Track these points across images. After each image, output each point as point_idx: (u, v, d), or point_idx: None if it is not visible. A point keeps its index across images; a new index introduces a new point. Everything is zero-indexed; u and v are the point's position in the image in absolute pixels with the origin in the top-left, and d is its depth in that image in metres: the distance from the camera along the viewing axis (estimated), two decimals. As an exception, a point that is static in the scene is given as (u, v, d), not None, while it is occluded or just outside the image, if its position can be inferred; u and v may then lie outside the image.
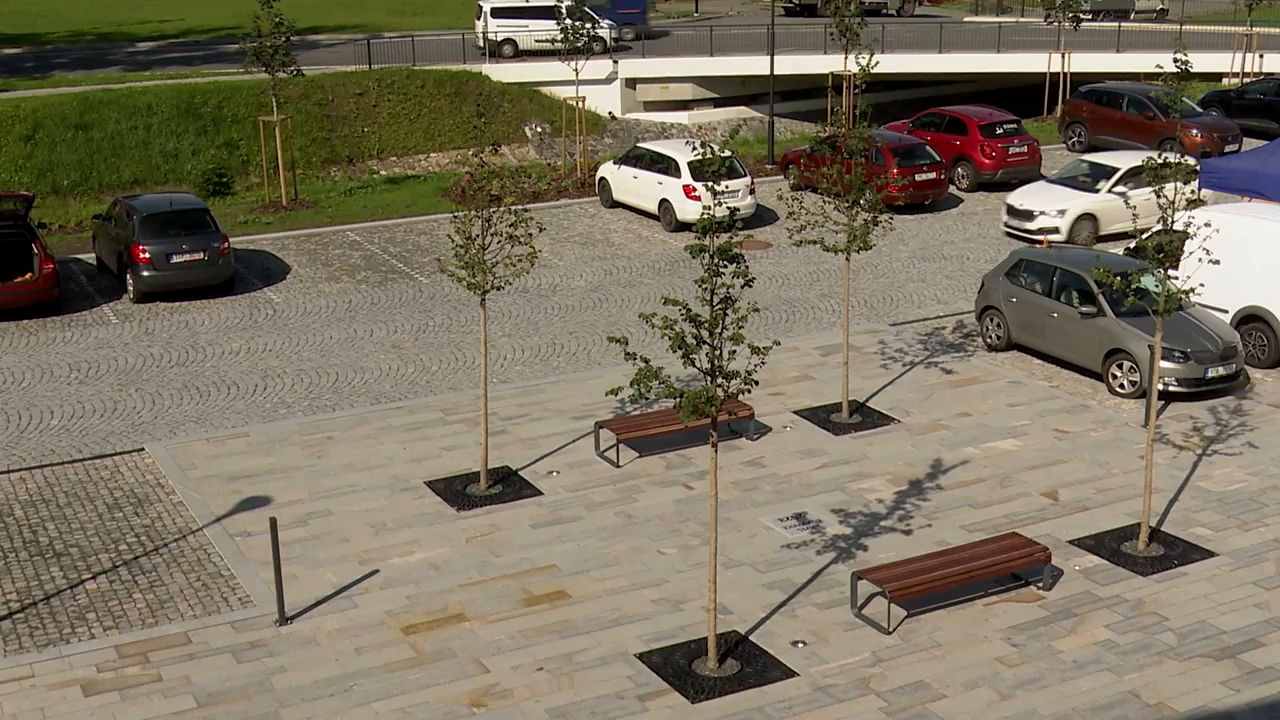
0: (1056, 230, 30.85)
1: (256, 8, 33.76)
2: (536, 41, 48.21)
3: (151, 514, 18.71)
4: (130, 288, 27.87)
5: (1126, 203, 18.39)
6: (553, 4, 47.22)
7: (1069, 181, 32.19)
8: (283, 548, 17.43)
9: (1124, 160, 32.07)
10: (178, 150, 39.08)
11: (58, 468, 20.21)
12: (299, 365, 24.37)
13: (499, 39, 49.74)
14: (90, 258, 30.89)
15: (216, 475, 19.81)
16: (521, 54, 33.32)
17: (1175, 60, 17.74)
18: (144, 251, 27.32)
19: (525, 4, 50.79)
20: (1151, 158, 17.20)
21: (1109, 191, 31.16)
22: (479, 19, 51.13)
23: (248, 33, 34.53)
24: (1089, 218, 31.11)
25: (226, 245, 28.15)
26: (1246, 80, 47.03)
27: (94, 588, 16.73)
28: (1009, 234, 31.90)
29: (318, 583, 16.82)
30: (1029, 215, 31.38)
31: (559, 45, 37.70)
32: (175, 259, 27.52)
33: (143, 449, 20.82)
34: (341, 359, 24.68)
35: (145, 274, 27.41)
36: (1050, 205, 31.26)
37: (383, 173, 41.48)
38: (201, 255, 27.71)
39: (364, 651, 15.34)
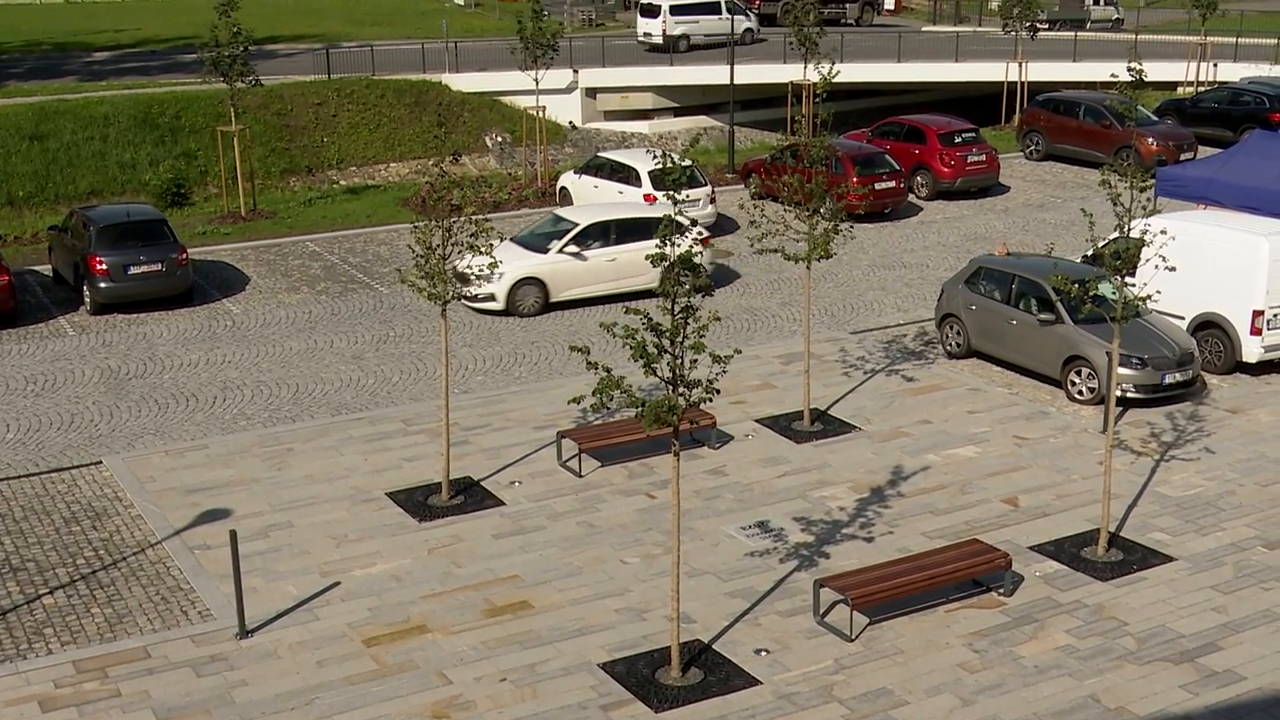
0: (492, 298, 26.81)
1: (214, 17, 33.58)
2: (706, 36, 54.46)
3: (110, 527, 18.55)
4: (87, 299, 27.62)
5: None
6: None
7: (529, 239, 28.24)
8: (243, 560, 17.29)
9: (585, 216, 28.20)
10: (135, 161, 38.79)
11: (14, 481, 19.99)
12: (258, 377, 24.23)
13: (677, 34, 54.75)
14: (46, 269, 30.60)
15: (175, 488, 19.66)
16: (694, 48, 36.97)
17: (1129, 69, 17.90)
18: (101, 263, 27.09)
19: (699, 1, 56.27)
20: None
21: (560, 252, 27.39)
22: (655, 17, 55.39)
23: (205, 42, 34.32)
24: (533, 282, 27.04)
25: (184, 256, 27.95)
26: (1201, 89, 47.53)
27: (51, 603, 16.56)
28: (465, 305, 27.50)
29: (278, 595, 16.71)
30: (466, 280, 24.77)
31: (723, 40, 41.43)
32: (132, 270, 27.31)
33: (100, 462, 20.64)
34: (301, 370, 24.56)
35: (102, 285, 27.17)
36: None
37: (342, 183, 41.31)
38: (159, 266, 27.50)
39: (325, 664, 15.25)
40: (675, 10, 55.53)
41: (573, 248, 27.47)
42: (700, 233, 27.64)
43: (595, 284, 27.65)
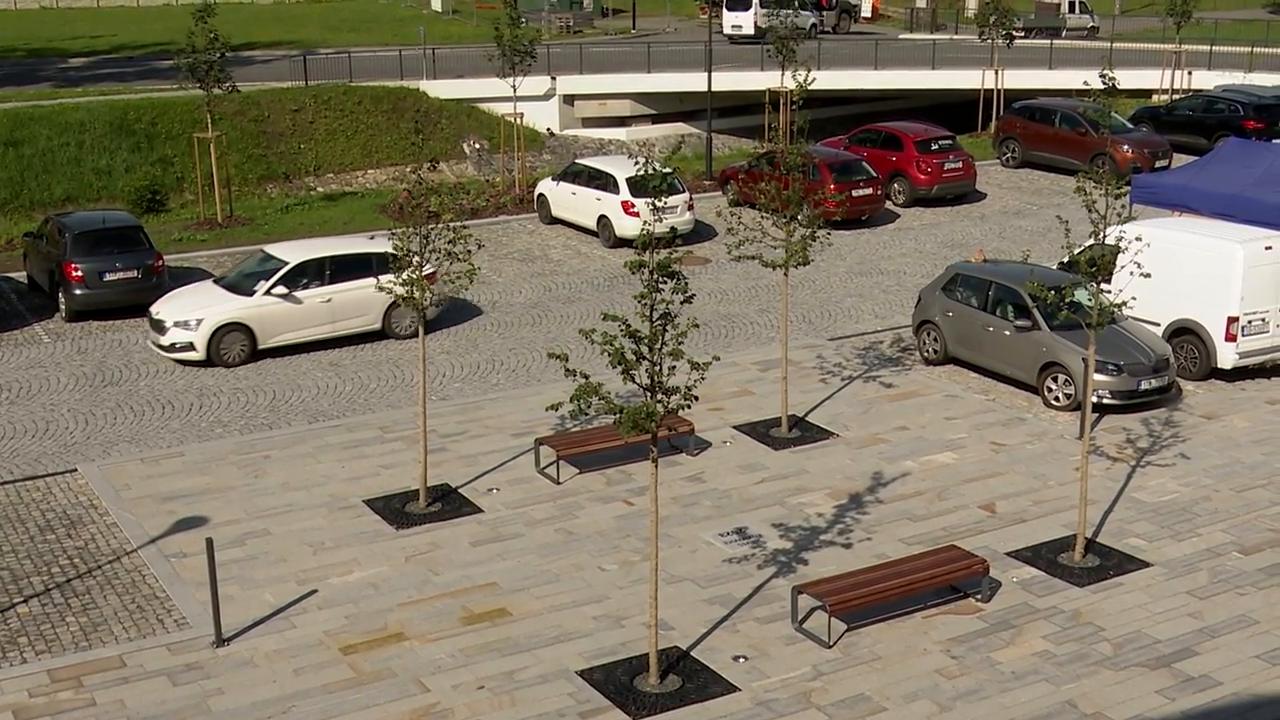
0: (191, 346, 24.53)
1: (190, 23, 33.48)
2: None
3: (85, 535, 18.45)
4: (62, 306, 27.48)
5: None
6: None
7: (234, 280, 25.85)
8: (219, 568, 17.21)
9: (296, 253, 25.80)
10: (111, 167, 38.63)
11: (-12, 489, 19.88)
12: (235, 383, 24.14)
13: (765, 26, 57.88)
14: (21, 276, 30.45)
15: (151, 495, 19.57)
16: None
17: (1102, 77, 17.99)
18: (76, 269, 26.96)
19: None
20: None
21: (268, 294, 25.04)
22: (746, 10, 59.24)
23: (182, 48, 34.21)
24: (238, 328, 24.76)
25: (160, 263, 27.84)
26: (1176, 97, 47.80)
27: (26, 611, 16.46)
28: (163, 355, 25.04)
29: (255, 603, 16.64)
30: (161, 327, 24.76)
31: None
32: (108, 277, 27.18)
33: (75, 470, 20.53)
34: (278, 377, 24.47)
35: (78, 292, 27.04)
36: (184, 314, 24.73)
37: (320, 189, 41.22)
38: (135, 273, 27.38)
39: (302, 672, 15.19)
40: (764, 3, 60.18)
41: (282, 288, 25.13)
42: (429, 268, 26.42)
43: (310, 327, 25.42)
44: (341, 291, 25.61)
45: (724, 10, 62.84)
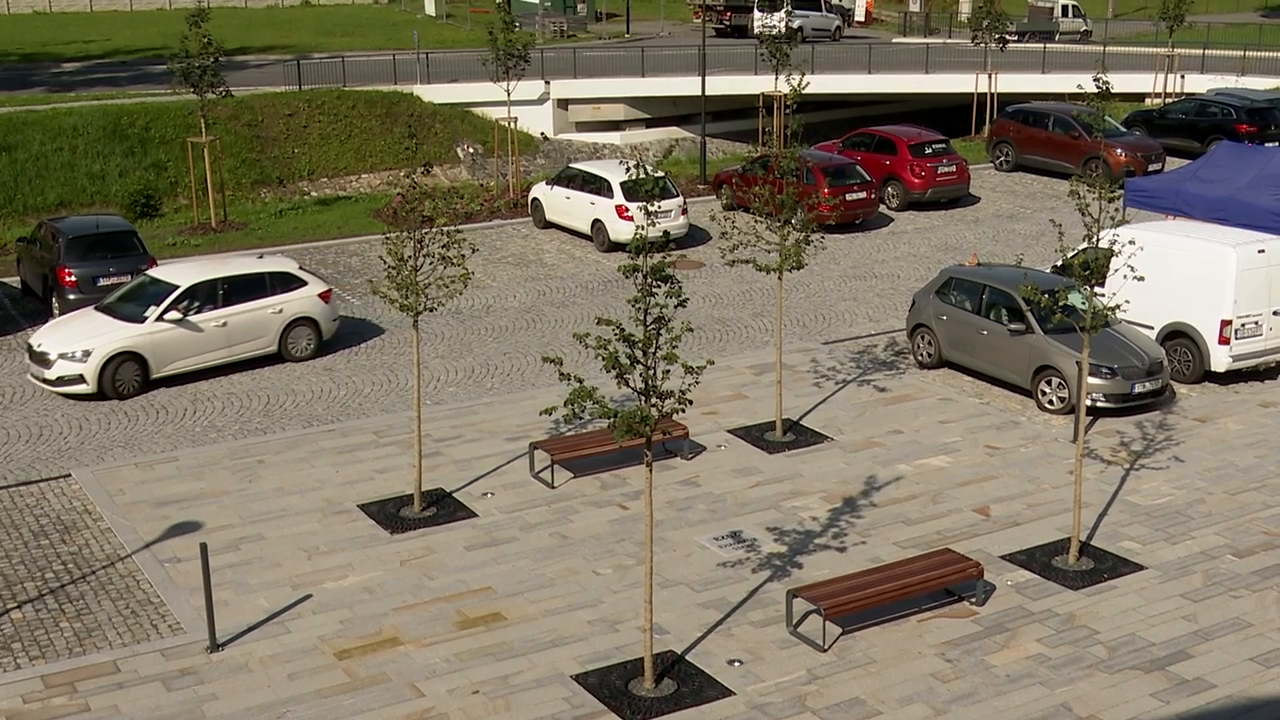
0: (81, 379, 23.15)
1: (184, 28, 33.49)
2: (814, 30, 63.72)
3: (79, 541, 18.42)
4: (56, 311, 27.44)
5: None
6: None
7: (118, 306, 24.38)
8: (213, 573, 17.21)
9: (186, 276, 24.52)
10: (104, 172, 38.61)
11: (-19, 495, 19.85)
12: (229, 388, 24.12)
13: (796, 26, 61.75)
14: (15, 281, 30.42)
15: (145, 500, 19.55)
16: (805, 40, 40.31)
17: (1095, 80, 18.03)
18: (70, 274, 26.93)
19: None
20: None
21: (159, 319, 23.78)
22: (777, 11, 62.49)
23: (175, 53, 34.22)
24: (131, 357, 23.45)
25: (154, 267, 27.79)
26: (1168, 100, 47.89)
27: (19, 617, 16.43)
28: (49, 389, 23.60)
29: (249, 608, 16.63)
30: (45, 360, 23.33)
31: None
32: (102, 282, 27.14)
33: (69, 475, 20.50)
34: (272, 381, 24.45)
35: (71, 297, 26.98)
36: (70, 345, 23.32)
37: (313, 194, 41.21)
38: (129, 278, 27.32)
39: (297, 677, 15.18)
40: (796, 3, 64.90)
41: (175, 313, 23.91)
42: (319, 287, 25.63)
43: (205, 353, 24.28)
44: (236, 314, 24.56)
45: (754, 11, 65.82)
